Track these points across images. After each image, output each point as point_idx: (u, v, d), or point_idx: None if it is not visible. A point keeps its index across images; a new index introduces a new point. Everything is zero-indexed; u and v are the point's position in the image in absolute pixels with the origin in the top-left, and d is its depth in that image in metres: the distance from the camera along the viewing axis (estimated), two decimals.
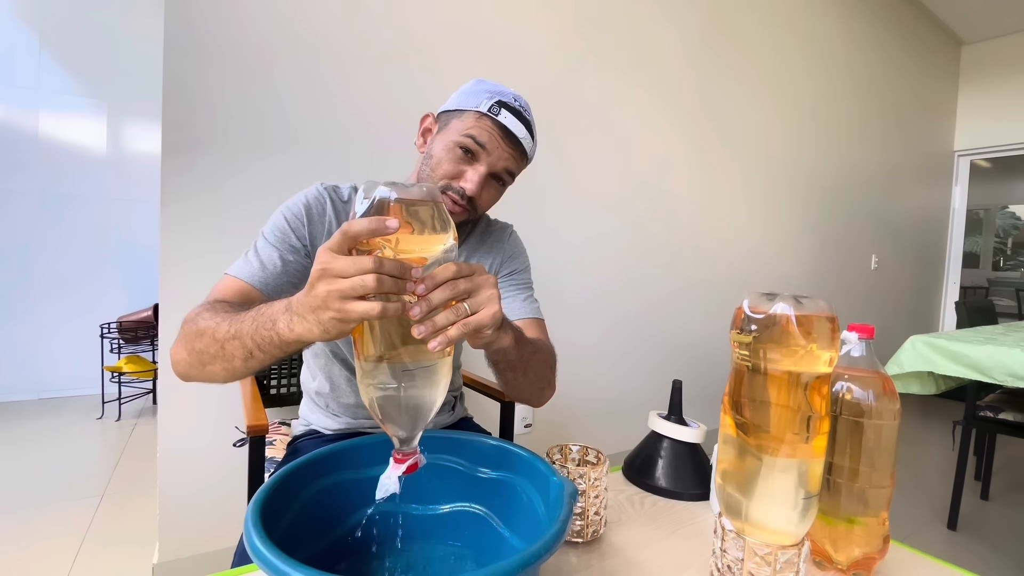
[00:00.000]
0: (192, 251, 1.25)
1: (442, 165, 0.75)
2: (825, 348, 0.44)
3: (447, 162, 0.74)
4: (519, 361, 0.65)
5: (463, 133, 0.73)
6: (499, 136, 0.74)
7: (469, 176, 0.74)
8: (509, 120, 0.73)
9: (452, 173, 0.75)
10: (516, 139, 0.74)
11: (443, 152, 0.75)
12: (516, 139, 0.74)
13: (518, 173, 0.80)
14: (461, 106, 0.75)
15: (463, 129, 0.74)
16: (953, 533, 1.78)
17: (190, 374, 0.61)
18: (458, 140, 0.74)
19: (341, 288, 0.40)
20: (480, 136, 0.73)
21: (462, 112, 0.75)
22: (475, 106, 0.74)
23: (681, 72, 2.26)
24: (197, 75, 1.24)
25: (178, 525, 1.28)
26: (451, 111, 0.77)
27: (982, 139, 4.12)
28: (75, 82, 2.79)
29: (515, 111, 0.74)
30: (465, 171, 0.75)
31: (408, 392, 0.45)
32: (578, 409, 2.02)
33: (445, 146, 0.75)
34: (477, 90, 0.76)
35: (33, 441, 2.26)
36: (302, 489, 0.50)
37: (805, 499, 0.45)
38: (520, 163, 0.79)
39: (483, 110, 0.73)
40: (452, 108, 0.77)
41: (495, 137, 0.74)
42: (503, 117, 0.73)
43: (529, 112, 0.77)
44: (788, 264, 2.90)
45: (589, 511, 0.58)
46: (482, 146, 0.73)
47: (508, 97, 0.75)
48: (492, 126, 0.73)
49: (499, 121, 0.73)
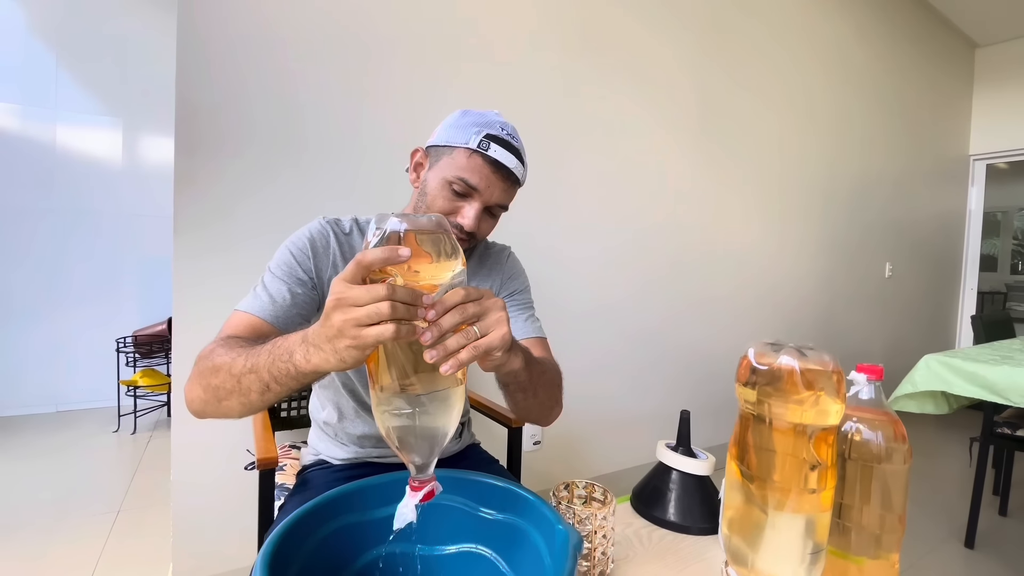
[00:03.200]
0: (206, 271, 1.27)
1: (437, 202, 0.75)
2: (831, 400, 0.44)
3: (442, 199, 0.75)
4: (529, 382, 0.66)
5: (455, 175, 0.73)
6: (491, 172, 0.74)
7: (466, 212, 0.75)
8: (499, 153, 0.73)
9: (448, 210, 0.75)
10: (508, 170, 0.75)
11: (437, 190, 0.75)
12: (508, 170, 0.75)
13: (513, 199, 0.80)
14: (450, 142, 0.75)
15: (454, 169, 0.74)
16: (971, 552, 1.74)
17: (206, 411, 0.62)
18: (451, 180, 0.74)
19: (356, 316, 0.42)
20: (472, 179, 0.73)
21: (451, 148, 0.75)
22: (464, 142, 0.73)
23: (689, 83, 2.25)
24: (211, 93, 1.26)
25: (191, 546, 1.30)
26: (440, 146, 0.76)
27: (998, 143, 4.05)
28: (91, 99, 2.85)
29: (504, 143, 0.74)
30: (461, 207, 0.75)
31: (423, 418, 0.46)
32: (587, 426, 2.01)
33: (438, 184, 0.75)
34: (463, 124, 0.75)
35: (52, 454, 2.31)
36: (311, 535, 0.51)
37: (813, 553, 0.44)
38: (513, 191, 0.79)
39: (472, 146, 0.73)
40: (441, 144, 0.76)
41: (487, 174, 0.74)
42: (493, 151, 0.73)
43: (517, 138, 0.77)
44: (801, 276, 2.87)
45: (596, 552, 0.58)
46: (475, 188, 0.74)
47: (495, 128, 0.75)
48: (483, 163, 0.73)
49: (490, 156, 0.73)
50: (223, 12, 1.27)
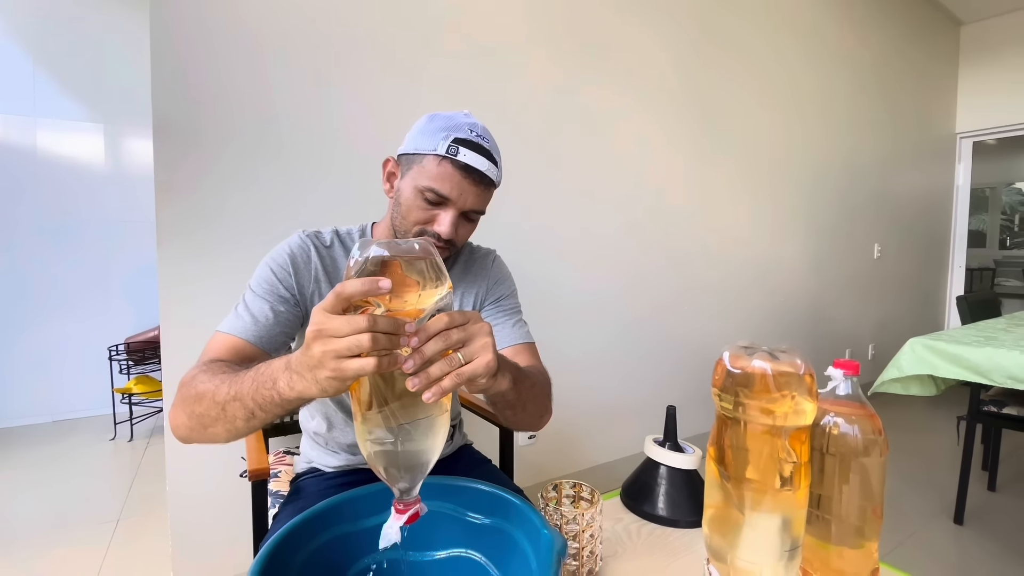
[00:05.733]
0: (191, 278, 1.28)
1: (412, 213, 0.74)
2: (803, 400, 0.45)
3: (416, 210, 0.74)
4: (518, 400, 0.66)
5: (426, 185, 0.72)
6: (462, 177, 0.72)
7: (442, 220, 0.73)
8: (469, 157, 0.71)
9: (423, 219, 0.74)
10: (480, 173, 0.73)
11: (411, 200, 0.74)
12: (480, 173, 0.73)
13: (489, 201, 0.79)
14: (419, 149, 0.73)
15: (425, 178, 0.72)
16: (959, 528, 1.78)
17: (191, 437, 0.62)
18: (422, 189, 0.72)
19: (336, 348, 0.42)
20: (443, 188, 0.71)
21: (421, 156, 0.73)
22: (432, 148, 0.71)
23: (674, 73, 2.25)
24: (187, 99, 1.25)
25: (191, 554, 1.31)
26: (410, 154, 0.75)
27: (984, 120, 4.07)
28: (71, 103, 2.81)
29: (473, 145, 0.72)
30: (436, 215, 0.74)
31: (406, 446, 0.46)
32: (582, 418, 2.03)
33: (411, 194, 0.74)
34: (431, 129, 0.73)
35: (50, 464, 2.31)
36: (302, 546, 0.52)
37: (790, 550, 0.45)
38: (488, 194, 0.77)
39: (441, 152, 0.71)
40: (411, 151, 0.74)
41: (457, 180, 0.72)
42: (463, 156, 0.71)
43: (487, 138, 0.75)
44: (790, 262, 2.89)
45: (584, 551, 0.59)
46: (447, 197, 0.72)
47: (463, 131, 0.72)
48: (453, 169, 0.71)
49: (459, 161, 0.71)
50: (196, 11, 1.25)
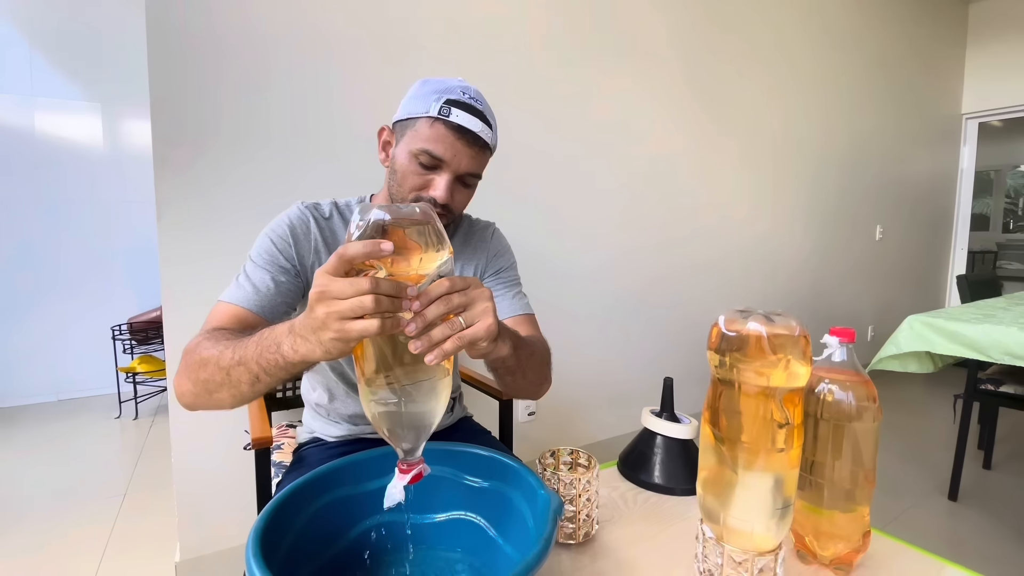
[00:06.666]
0: (191, 255, 1.28)
1: (407, 178, 0.74)
2: (797, 364, 0.45)
3: (411, 175, 0.73)
4: (518, 366, 0.67)
5: (419, 147, 0.71)
6: (455, 139, 0.71)
7: (437, 184, 0.73)
8: (462, 118, 0.70)
9: (419, 185, 0.74)
10: (474, 135, 0.72)
11: (405, 165, 0.73)
12: (474, 135, 0.72)
13: (485, 166, 0.78)
14: (411, 113, 0.73)
15: (418, 141, 0.72)
16: (953, 504, 1.80)
17: (197, 404, 0.62)
18: (416, 153, 0.72)
19: (340, 309, 0.42)
20: (436, 149, 0.71)
21: (414, 120, 0.72)
22: (424, 111, 0.71)
23: (676, 50, 2.22)
24: (184, 76, 1.24)
25: (196, 525, 1.34)
26: (404, 120, 0.74)
27: (991, 101, 4.01)
28: (68, 83, 2.78)
29: (466, 106, 0.71)
30: (431, 180, 0.73)
31: (409, 407, 0.47)
32: (581, 394, 2.05)
33: (405, 159, 0.73)
34: (423, 93, 0.73)
35: (56, 442, 2.34)
36: (303, 509, 0.53)
37: (782, 508, 0.46)
38: (483, 157, 0.76)
39: (433, 114, 0.70)
40: (404, 117, 0.74)
41: (451, 142, 0.71)
42: (455, 116, 0.70)
43: (481, 100, 0.75)
44: (789, 240, 2.88)
45: (580, 514, 0.60)
46: (440, 159, 0.72)
47: (456, 92, 0.72)
48: (446, 131, 0.71)
49: (452, 122, 0.70)
50: None
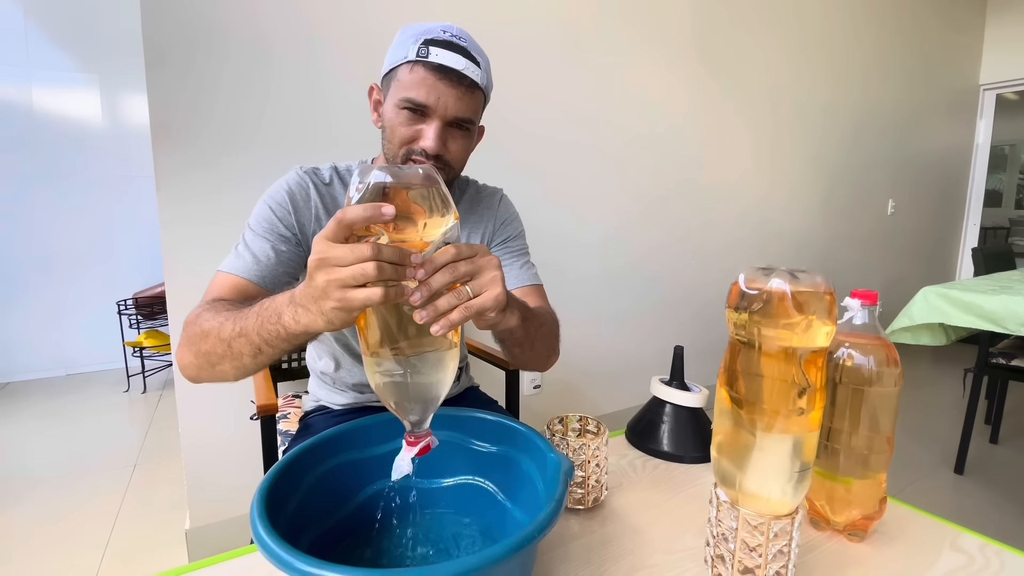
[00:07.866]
0: (192, 237, 1.26)
1: (396, 132, 0.70)
2: (822, 323, 0.43)
3: (399, 127, 0.70)
4: (526, 337, 0.65)
5: (402, 96, 0.68)
6: (436, 79, 0.67)
7: (426, 133, 0.69)
8: (443, 56, 0.66)
9: (408, 136, 0.70)
10: (458, 73, 0.67)
11: (393, 118, 0.70)
12: (458, 73, 0.67)
13: (479, 111, 0.74)
14: (393, 63, 0.69)
15: (400, 89, 0.68)
16: (960, 477, 1.80)
17: (200, 376, 0.61)
18: (399, 103, 0.68)
19: (340, 277, 0.40)
20: (418, 95, 0.67)
21: (396, 69, 0.69)
22: (403, 57, 0.67)
23: (684, 13, 2.14)
24: (180, 44, 1.21)
25: (205, 493, 1.35)
26: (388, 73, 0.71)
27: (1011, 71, 3.88)
28: (64, 56, 2.73)
29: (446, 43, 0.67)
30: (420, 129, 0.70)
31: (415, 379, 0.45)
32: (586, 366, 2.05)
33: (392, 112, 0.70)
34: (403, 39, 0.69)
35: (66, 415, 2.37)
36: (309, 472, 0.52)
37: (800, 471, 0.45)
38: (472, 98, 0.71)
39: (412, 57, 0.67)
40: (387, 69, 0.71)
41: (431, 84, 0.67)
42: (434, 55, 0.66)
43: (465, 38, 0.70)
44: (799, 213, 2.83)
45: (590, 479, 0.60)
46: (423, 104, 0.68)
47: (435, 32, 0.68)
48: (426, 72, 0.67)
49: (431, 62, 0.66)
50: None
